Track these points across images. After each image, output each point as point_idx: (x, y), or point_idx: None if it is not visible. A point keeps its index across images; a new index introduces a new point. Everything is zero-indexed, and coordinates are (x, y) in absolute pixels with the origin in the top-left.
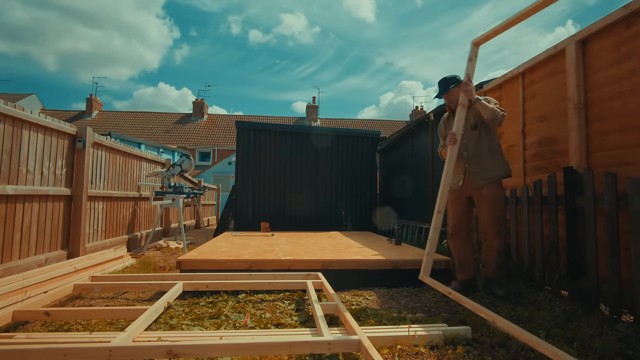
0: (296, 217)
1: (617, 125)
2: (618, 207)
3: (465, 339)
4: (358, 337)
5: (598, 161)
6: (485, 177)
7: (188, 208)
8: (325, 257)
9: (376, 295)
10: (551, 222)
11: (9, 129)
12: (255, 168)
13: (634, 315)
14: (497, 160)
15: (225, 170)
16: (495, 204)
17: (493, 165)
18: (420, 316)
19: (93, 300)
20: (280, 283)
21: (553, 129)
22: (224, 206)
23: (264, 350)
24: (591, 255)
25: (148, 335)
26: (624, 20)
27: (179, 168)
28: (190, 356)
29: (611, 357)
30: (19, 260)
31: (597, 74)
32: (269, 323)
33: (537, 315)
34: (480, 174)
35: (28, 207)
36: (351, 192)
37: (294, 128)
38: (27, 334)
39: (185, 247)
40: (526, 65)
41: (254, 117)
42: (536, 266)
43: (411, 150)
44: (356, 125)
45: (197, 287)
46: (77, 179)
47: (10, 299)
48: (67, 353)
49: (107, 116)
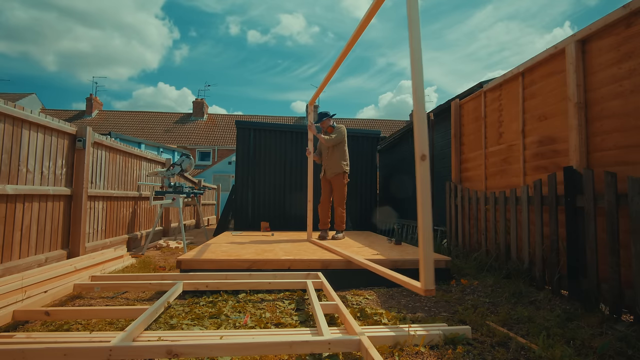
0: (296, 217)
1: (617, 124)
2: (618, 206)
3: (465, 339)
4: (358, 336)
5: (598, 161)
6: (332, 172)
7: (188, 208)
8: (325, 256)
9: (376, 295)
10: (551, 221)
11: (9, 129)
12: (255, 167)
13: (634, 315)
14: (340, 163)
15: (225, 170)
16: (339, 187)
17: (337, 165)
18: (420, 316)
19: (93, 300)
20: (280, 283)
21: (553, 128)
22: (224, 206)
23: (264, 350)
24: (591, 254)
25: (148, 335)
26: (623, 20)
27: (179, 168)
28: (190, 356)
29: (611, 356)
30: (19, 260)
31: (597, 74)
32: (269, 323)
33: (537, 314)
34: (330, 170)
35: (28, 207)
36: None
37: (294, 127)
38: (27, 334)
39: (185, 246)
40: (526, 65)
41: (253, 116)
42: (536, 266)
43: (411, 150)
44: (356, 125)
45: (197, 286)
46: (77, 178)
47: (10, 299)
48: (67, 353)
49: (107, 116)
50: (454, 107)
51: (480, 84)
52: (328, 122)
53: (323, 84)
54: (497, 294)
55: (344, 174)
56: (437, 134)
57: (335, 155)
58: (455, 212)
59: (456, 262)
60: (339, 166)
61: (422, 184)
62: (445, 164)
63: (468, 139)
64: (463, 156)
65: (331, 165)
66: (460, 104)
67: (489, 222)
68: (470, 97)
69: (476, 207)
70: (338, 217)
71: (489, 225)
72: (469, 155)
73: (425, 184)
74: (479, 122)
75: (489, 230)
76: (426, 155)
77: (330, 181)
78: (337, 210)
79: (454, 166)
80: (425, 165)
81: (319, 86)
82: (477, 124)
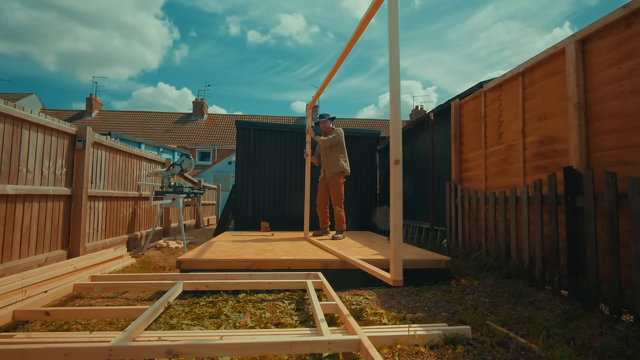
0: (296, 217)
1: (617, 124)
2: (618, 206)
3: (465, 339)
4: (358, 336)
5: (598, 161)
6: (330, 171)
7: (188, 208)
8: (326, 256)
9: (376, 295)
10: (551, 221)
11: (9, 129)
12: (255, 167)
13: (634, 315)
14: (338, 162)
15: (225, 170)
16: (335, 187)
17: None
18: (420, 316)
19: (93, 300)
20: (280, 283)
21: (553, 128)
22: (224, 206)
23: (264, 350)
24: (591, 254)
25: (148, 334)
26: (623, 19)
27: (179, 168)
28: (190, 356)
29: (611, 356)
30: (19, 260)
31: (597, 74)
32: (269, 323)
33: (537, 314)
34: (329, 169)
35: (28, 207)
36: (351, 192)
37: (294, 127)
38: (27, 334)
39: (185, 246)
40: (526, 65)
41: (253, 116)
42: (536, 266)
43: (411, 150)
44: (356, 124)
45: (197, 286)
46: (77, 178)
47: (10, 299)
48: (67, 353)
49: (107, 116)
50: (454, 107)
51: (480, 84)
52: (328, 123)
53: (323, 86)
54: (497, 294)
55: (341, 173)
56: (437, 134)
57: (332, 156)
58: (455, 212)
59: (456, 262)
60: (336, 165)
61: (394, 186)
62: (445, 164)
63: (468, 139)
64: (463, 156)
65: (329, 164)
66: (460, 104)
67: (489, 222)
68: (470, 97)
69: (476, 207)
70: (337, 217)
71: (489, 225)
72: (469, 155)
73: (398, 186)
74: (479, 122)
75: (489, 230)
76: (399, 160)
77: (327, 182)
78: (336, 210)
79: (454, 166)
80: (399, 169)
81: (319, 88)
82: (477, 124)
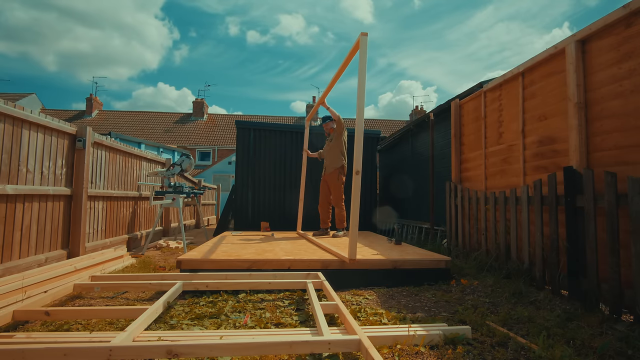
0: (296, 217)
1: (617, 124)
2: (618, 206)
3: (465, 339)
4: (358, 336)
5: (598, 161)
6: (331, 166)
7: (188, 208)
8: (325, 256)
9: (376, 295)
10: (551, 221)
11: (9, 129)
12: (255, 167)
13: (634, 315)
14: (338, 157)
15: (225, 170)
16: (336, 186)
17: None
18: (420, 316)
19: (93, 300)
20: (280, 283)
21: (553, 128)
22: (224, 206)
23: (264, 350)
24: (591, 254)
25: (148, 334)
26: (623, 19)
27: (179, 168)
28: (190, 356)
29: (611, 356)
30: (19, 260)
31: (597, 74)
32: (269, 323)
33: (537, 314)
34: (330, 164)
35: (28, 207)
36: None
37: (294, 127)
38: (27, 334)
39: (185, 246)
40: (526, 65)
41: (253, 116)
42: (536, 266)
43: (411, 150)
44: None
45: (197, 286)
46: (77, 178)
47: (10, 299)
48: (67, 353)
49: (107, 116)
50: (454, 107)
51: (480, 84)
52: (332, 124)
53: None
54: (497, 294)
55: (342, 168)
56: (437, 134)
57: (333, 151)
58: (455, 212)
59: (456, 262)
60: (337, 160)
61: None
62: (445, 164)
63: (468, 139)
64: (463, 156)
65: (330, 159)
66: (460, 104)
67: (489, 222)
68: (470, 97)
69: (476, 207)
70: (337, 216)
71: (489, 225)
72: (469, 155)
73: (357, 194)
74: (479, 122)
75: (489, 230)
76: (359, 171)
77: (328, 181)
78: (336, 209)
79: (454, 166)
80: (358, 179)
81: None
82: (477, 124)
